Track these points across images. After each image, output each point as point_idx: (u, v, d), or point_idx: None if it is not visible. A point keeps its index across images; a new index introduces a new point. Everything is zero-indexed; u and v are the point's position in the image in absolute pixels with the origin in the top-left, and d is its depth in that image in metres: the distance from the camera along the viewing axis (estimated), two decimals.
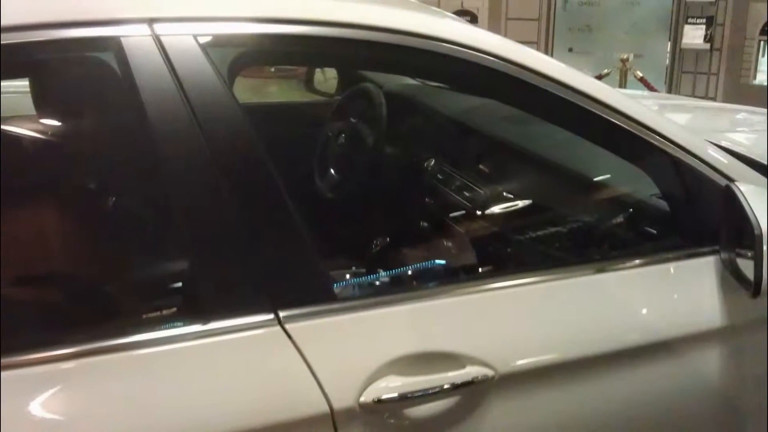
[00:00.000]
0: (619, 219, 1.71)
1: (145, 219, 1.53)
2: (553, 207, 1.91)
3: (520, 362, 1.37)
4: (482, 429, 1.36)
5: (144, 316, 1.33)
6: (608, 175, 1.87)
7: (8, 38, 1.15)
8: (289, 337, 1.22)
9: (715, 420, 1.64)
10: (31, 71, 1.55)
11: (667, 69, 8.00)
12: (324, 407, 1.22)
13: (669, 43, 7.96)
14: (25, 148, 1.54)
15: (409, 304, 1.33)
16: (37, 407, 1.09)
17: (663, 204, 1.64)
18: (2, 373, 1.08)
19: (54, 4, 1.22)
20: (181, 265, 1.32)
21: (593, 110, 1.48)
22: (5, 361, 1.09)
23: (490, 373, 1.31)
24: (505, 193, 1.96)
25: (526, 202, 1.89)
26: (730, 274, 1.49)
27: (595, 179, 1.90)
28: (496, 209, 1.92)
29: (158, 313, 1.30)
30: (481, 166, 2.12)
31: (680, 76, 7.96)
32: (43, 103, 1.60)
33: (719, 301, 1.51)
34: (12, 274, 1.32)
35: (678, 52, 7.88)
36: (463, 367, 1.30)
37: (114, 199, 1.56)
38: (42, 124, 1.57)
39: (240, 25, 1.33)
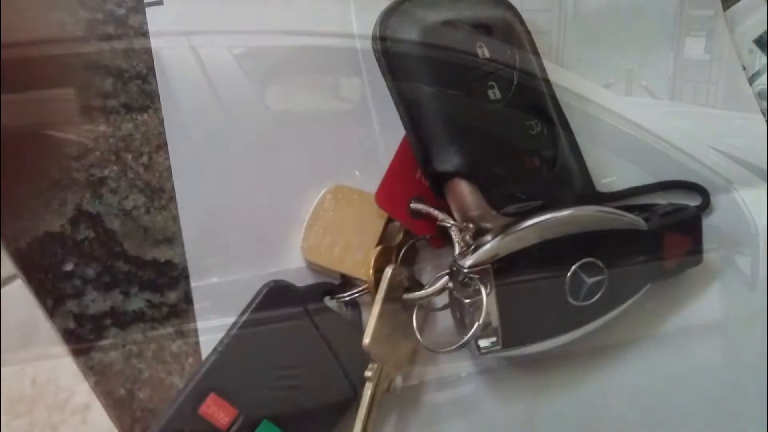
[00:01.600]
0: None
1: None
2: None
3: (532, 351, 1.37)
4: (498, 414, 1.36)
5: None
6: (614, 178, 1.86)
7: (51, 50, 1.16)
8: (317, 328, 1.23)
9: (713, 409, 1.62)
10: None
11: (669, 78, 7.98)
12: (349, 394, 1.23)
13: (671, 54, 7.93)
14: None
15: (428, 298, 1.33)
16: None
17: (665, 204, 1.63)
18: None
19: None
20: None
21: (600, 116, 1.49)
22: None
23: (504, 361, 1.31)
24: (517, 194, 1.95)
25: (537, 202, 1.88)
26: (729, 270, 1.49)
27: (602, 181, 1.88)
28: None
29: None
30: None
31: (682, 84, 7.92)
32: None
33: (718, 296, 1.51)
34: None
35: (680, 63, 7.84)
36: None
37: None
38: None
39: (272, 37, 1.34)
